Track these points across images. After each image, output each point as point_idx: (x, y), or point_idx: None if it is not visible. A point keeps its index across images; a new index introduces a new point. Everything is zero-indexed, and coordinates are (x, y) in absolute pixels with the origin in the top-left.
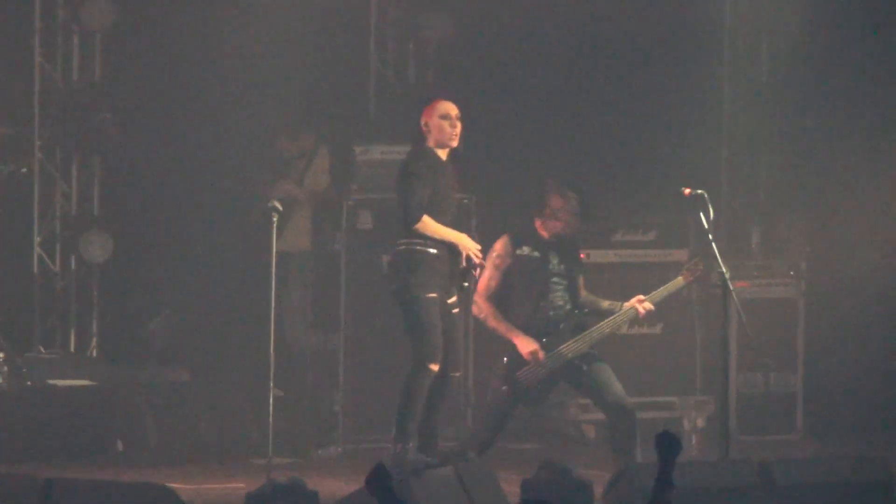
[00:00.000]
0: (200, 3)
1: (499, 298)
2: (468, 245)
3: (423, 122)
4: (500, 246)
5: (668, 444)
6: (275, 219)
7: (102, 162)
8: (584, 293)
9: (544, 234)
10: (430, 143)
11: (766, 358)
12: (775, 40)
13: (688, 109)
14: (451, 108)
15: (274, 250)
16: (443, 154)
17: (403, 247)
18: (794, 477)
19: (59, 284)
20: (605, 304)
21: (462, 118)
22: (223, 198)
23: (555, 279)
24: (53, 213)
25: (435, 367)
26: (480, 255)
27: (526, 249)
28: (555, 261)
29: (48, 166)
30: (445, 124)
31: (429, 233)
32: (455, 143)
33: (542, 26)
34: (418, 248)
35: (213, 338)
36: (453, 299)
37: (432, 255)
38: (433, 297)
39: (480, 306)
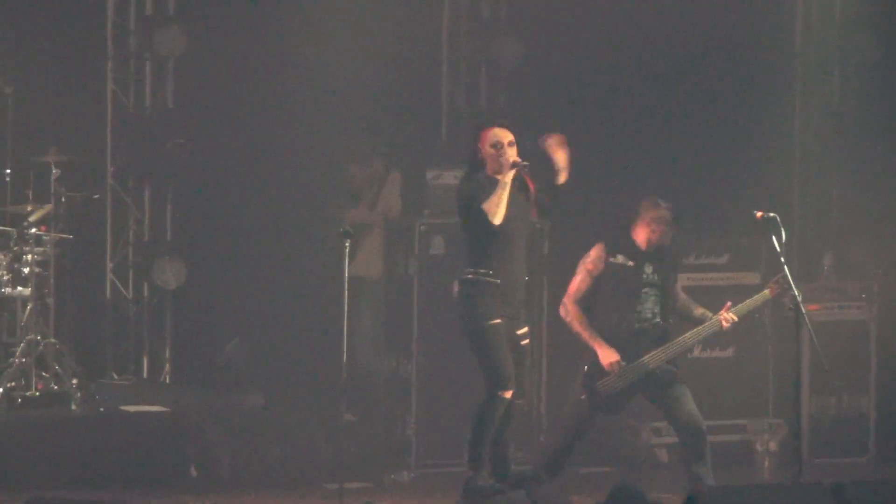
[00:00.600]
0: (271, 27)
1: (587, 304)
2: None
3: (475, 151)
4: (594, 252)
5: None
6: (347, 244)
7: (175, 188)
8: (682, 296)
9: (641, 243)
10: (488, 170)
11: (838, 381)
12: (847, 64)
13: (760, 133)
14: (503, 135)
15: (346, 275)
16: (506, 178)
17: (470, 275)
18: (867, 500)
19: (132, 310)
20: (698, 311)
21: (524, 141)
22: (296, 222)
23: (646, 289)
24: (126, 239)
25: (507, 395)
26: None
27: (620, 258)
28: (649, 270)
29: (121, 193)
30: (495, 153)
31: (495, 207)
32: (506, 170)
33: (614, 50)
34: (483, 277)
35: (285, 363)
36: (523, 330)
37: (496, 284)
38: (497, 324)
39: (568, 308)
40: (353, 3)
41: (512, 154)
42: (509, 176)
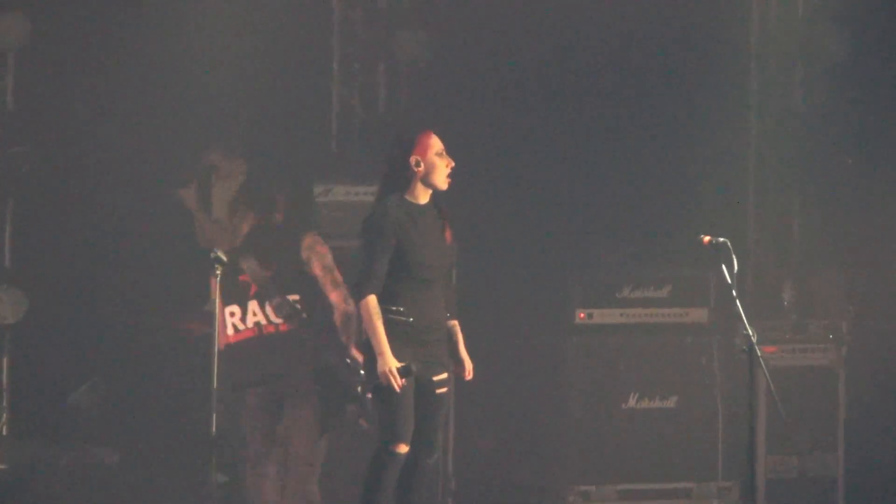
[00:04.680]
0: (132, 13)
1: None
2: (387, 370)
3: (412, 160)
4: None
5: None
6: (218, 272)
7: (14, 205)
8: None
9: None
10: (413, 185)
11: (800, 436)
12: (810, 65)
13: (708, 142)
14: (440, 143)
15: (217, 310)
16: (423, 197)
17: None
18: None
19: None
20: None
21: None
22: (159, 245)
23: None
24: None
25: (402, 449)
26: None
27: None
28: None
29: None
30: (442, 164)
31: (364, 317)
32: (446, 187)
33: (538, 43)
34: (393, 315)
35: (146, 412)
36: (441, 376)
37: (406, 322)
38: (404, 368)
39: None
40: None
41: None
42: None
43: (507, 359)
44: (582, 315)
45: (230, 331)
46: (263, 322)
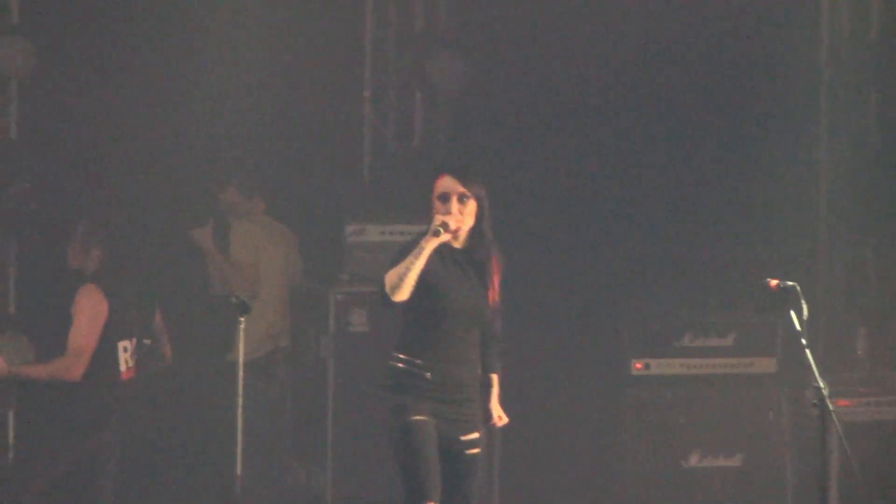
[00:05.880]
0: (146, 34)
1: None
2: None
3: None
4: None
5: None
6: (242, 320)
7: (19, 246)
8: None
9: None
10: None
11: (876, 498)
12: (886, 88)
13: (775, 181)
14: (452, 186)
15: (241, 359)
16: (455, 240)
17: (399, 364)
18: None
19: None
20: None
21: (478, 192)
22: (176, 291)
23: None
24: None
25: None
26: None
27: None
28: None
29: None
30: (440, 209)
31: (394, 278)
32: (452, 228)
33: (589, 70)
34: (411, 368)
35: (166, 470)
36: (471, 436)
37: (422, 377)
38: (422, 422)
39: None
40: (249, 10)
41: (459, 212)
42: (431, 243)
43: (559, 412)
44: (639, 365)
45: (122, 367)
46: (132, 364)
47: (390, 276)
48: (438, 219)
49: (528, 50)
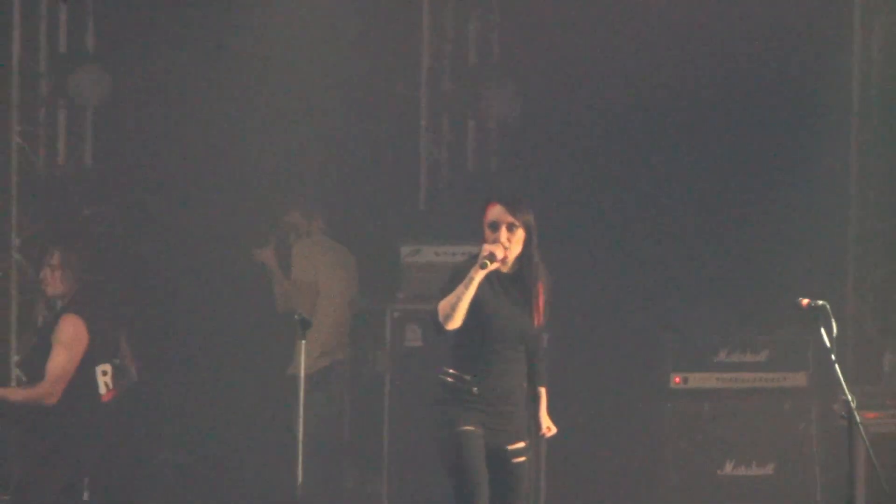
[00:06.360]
0: (214, 65)
1: None
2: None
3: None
4: None
5: None
6: (304, 334)
7: (92, 265)
8: None
9: None
10: None
11: None
12: None
13: (807, 204)
14: (501, 215)
15: (303, 373)
16: (475, 274)
17: (448, 378)
18: None
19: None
20: None
21: (526, 221)
22: (240, 308)
23: None
24: (34, 324)
25: None
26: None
27: None
28: None
29: (28, 269)
30: (490, 236)
31: (446, 307)
32: (499, 257)
33: (634, 102)
34: (459, 383)
35: (230, 477)
36: (517, 445)
37: (470, 390)
38: (469, 431)
39: None
40: (311, 43)
41: (510, 241)
42: (479, 274)
43: (602, 424)
44: (677, 379)
45: (102, 389)
46: (112, 385)
47: (443, 306)
48: (486, 249)
49: (572, 81)
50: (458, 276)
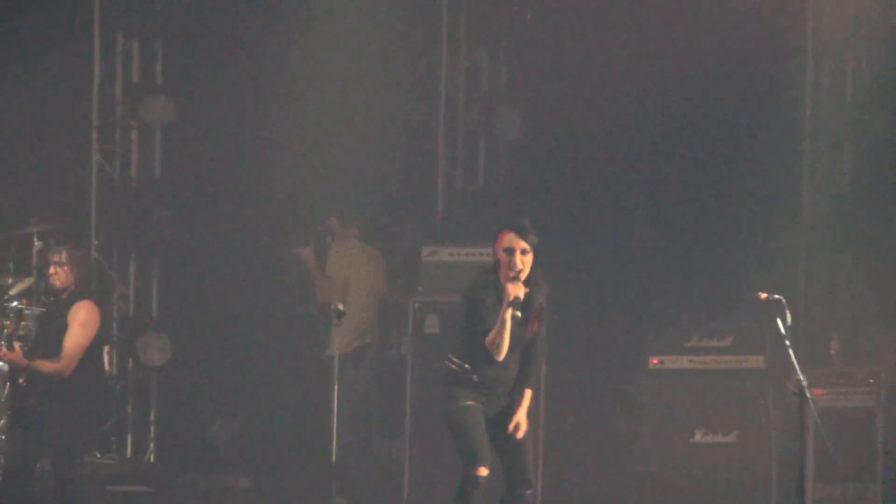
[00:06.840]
0: (261, 98)
1: None
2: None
3: (495, 250)
4: None
5: None
6: (338, 322)
7: (161, 261)
8: None
9: None
10: (501, 274)
11: (843, 468)
12: (859, 140)
13: (766, 210)
14: (515, 242)
15: (337, 356)
16: (514, 288)
17: (452, 365)
18: None
19: (117, 388)
20: None
21: (533, 244)
22: (285, 299)
23: None
24: (110, 314)
25: (482, 472)
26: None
27: None
28: None
29: (105, 266)
30: (506, 259)
31: (494, 347)
32: (519, 278)
33: (622, 123)
34: (461, 371)
35: (274, 444)
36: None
37: (472, 380)
38: (467, 405)
39: None
40: (347, 75)
41: (523, 263)
42: (507, 314)
43: (589, 400)
44: (655, 361)
45: (107, 366)
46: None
47: (492, 344)
48: (511, 293)
49: (573, 106)
50: (472, 303)
